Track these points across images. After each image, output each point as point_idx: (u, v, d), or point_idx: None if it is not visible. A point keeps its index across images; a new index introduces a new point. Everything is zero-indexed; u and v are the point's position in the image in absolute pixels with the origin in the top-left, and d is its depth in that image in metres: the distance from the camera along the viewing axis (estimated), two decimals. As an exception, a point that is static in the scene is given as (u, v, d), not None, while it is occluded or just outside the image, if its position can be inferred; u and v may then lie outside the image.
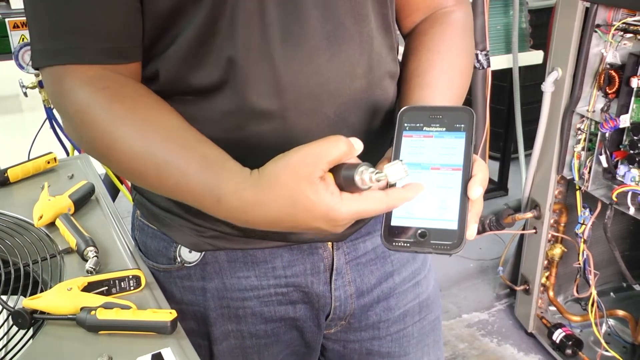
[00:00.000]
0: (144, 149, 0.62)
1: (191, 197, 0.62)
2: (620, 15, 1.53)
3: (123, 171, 0.66)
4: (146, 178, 0.64)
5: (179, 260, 0.80)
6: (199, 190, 0.61)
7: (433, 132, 0.62)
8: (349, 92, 0.69)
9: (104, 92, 0.64)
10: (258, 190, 0.57)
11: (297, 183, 0.55)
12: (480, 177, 0.59)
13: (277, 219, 0.58)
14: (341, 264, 0.81)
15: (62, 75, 0.65)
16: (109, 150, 0.64)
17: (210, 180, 0.60)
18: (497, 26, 2.27)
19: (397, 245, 0.58)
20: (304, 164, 0.54)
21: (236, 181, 0.59)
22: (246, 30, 0.64)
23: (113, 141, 0.63)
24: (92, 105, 0.63)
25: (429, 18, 0.81)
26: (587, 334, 1.95)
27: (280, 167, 0.56)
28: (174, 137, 0.63)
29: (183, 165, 0.61)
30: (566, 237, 1.89)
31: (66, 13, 0.63)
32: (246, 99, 0.66)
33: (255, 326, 0.82)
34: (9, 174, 1.07)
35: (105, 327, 0.70)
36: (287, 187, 0.55)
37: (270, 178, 0.57)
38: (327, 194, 0.55)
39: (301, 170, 0.54)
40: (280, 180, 0.56)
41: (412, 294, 0.89)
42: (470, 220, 0.58)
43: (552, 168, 1.79)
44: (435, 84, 0.73)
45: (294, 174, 0.55)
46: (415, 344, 0.91)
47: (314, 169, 0.54)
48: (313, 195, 0.54)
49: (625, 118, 1.53)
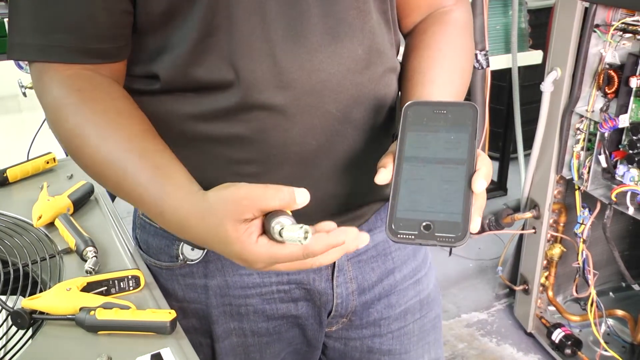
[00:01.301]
0: (105, 156, 0.65)
1: (142, 206, 0.65)
2: (619, 15, 1.53)
3: (89, 173, 0.69)
4: (107, 184, 0.67)
5: (181, 258, 0.80)
6: (147, 202, 0.64)
7: (437, 127, 0.62)
8: (351, 87, 0.69)
9: (77, 93, 0.66)
10: (192, 212, 0.61)
11: (225, 217, 0.58)
12: (484, 171, 0.59)
13: (204, 242, 0.62)
14: (343, 261, 0.82)
15: (42, 70, 0.67)
16: (76, 152, 0.67)
17: (156, 193, 0.63)
18: (496, 26, 2.27)
19: (402, 238, 0.58)
20: (238, 203, 0.57)
21: (178, 197, 0.62)
22: (246, 27, 0.64)
23: (80, 144, 0.66)
24: (65, 105, 0.66)
25: (429, 17, 0.81)
26: (587, 334, 1.95)
27: (219, 198, 0.59)
28: (134, 146, 0.65)
29: (136, 175, 0.64)
30: (565, 237, 1.89)
31: (48, 11, 0.64)
32: (248, 95, 0.66)
33: (257, 324, 0.82)
34: (8, 174, 1.07)
35: (105, 327, 0.70)
36: (215, 218, 0.59)
37: (207, 204, 0.60)
38: (244, 234, 0.58)
39: (233, 208, 0.58)
40: (212, 209, 0.59)
41: (413, 291, 0.89)
42: (473, 213, 0.58)
43: (552, 168, 1.80)
44: (436, 81, 0.73)
45: (225, 208, 0.58)
46: (416, 341, 0.91)
47: (244, 210, 0.57)
48: (232, 232, 0.58)
49: (624, 118, 1.54)
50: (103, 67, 0.68)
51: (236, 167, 0.71)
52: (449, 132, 0.62)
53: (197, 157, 0.71)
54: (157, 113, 0.70)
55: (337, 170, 0.73)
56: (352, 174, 0.74)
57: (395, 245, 0.86)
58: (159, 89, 0.69)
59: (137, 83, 0.72)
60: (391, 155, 0.62)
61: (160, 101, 0.70)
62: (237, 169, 0.71)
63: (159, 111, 0.70)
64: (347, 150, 0.72)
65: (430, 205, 0.58)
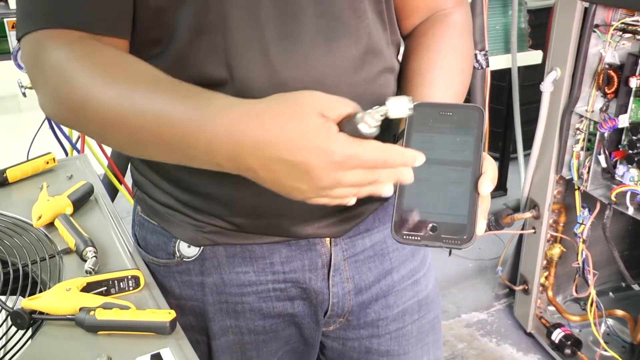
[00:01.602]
0: (121, 99, 0.58)
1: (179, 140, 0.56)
2: (619, 15, 1.53)
3: (99, 129, 0.63)
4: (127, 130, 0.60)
5: (177, 255, 0.80)
6: (188, 129, 0.55)
7: (443, 128, 0.63)
8: (346, 87, 0.69)
9: (81, 49, 0.62)
10: (252, 104, 0.55)
11: (303, 105, 0.53)
12: (491, 174, 0.60)
13: (266, 141, 0.54)
14: (339, 261, 0.82)
15: (44, 38, 0.63)
16: (84, 105, 0.61)
17: (197, 104, 0.56)
18: (496, 26, 2.27)
19: (408, 239, 0.58)
20: (326, 98, 0.54)
21: (228, 99, 0.57)
22: (240, 27, 0.65)
23: (88, 95, 0.60)
24: (69, 61, 0.61)
25: (428, 19, 0.81)
26: (586, 334, 1.95)
27: (301, 93, 0.55)
28: (157, 80, 0.60)
29: (165, 101, 0.57)
30: (565, 237, 1.89)
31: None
32: (243, 95, 0.66)
33: (254, 322, 0.82)
34: (8, 174, 1.07)
35: (104, 327, 0.70)
36: (288, 105, 0.54)
37: (273, 98, 0.55)
38: (326, 125, 0.53)
39: (321, 101, 0.54)
40: (284, 101, 0.54)
41: (411, 292, 0.89)
42: (479, 216, 0.58)
43: (551, 168, 1.80)
44: (436, 82, 0.73)
45: (313, 101, 0.54)
46: (414, 342, 0.91)
47: (331, 106, 0.54)
48: (313, 121, 0.53)
49: (624, 118, 1.54)
50: (105, 39, 0.65)
51: None
52: (455, 134, 0.62)
53: None
54: None
55: None
56: None
57: (393, 246, 0.86)
58: None
59: None
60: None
61: None
62: None
63: None
64: None
65: (436, 207, 0.59)
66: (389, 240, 0.86)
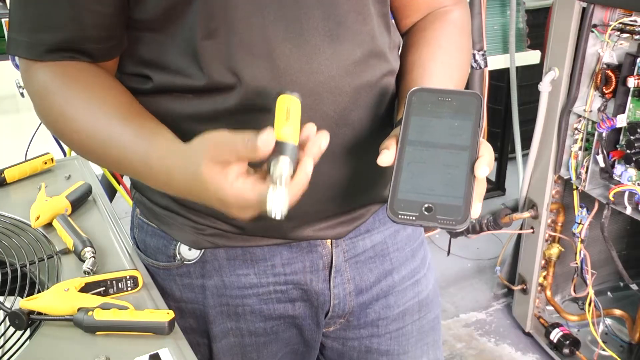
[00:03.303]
0: (90, 126, 0.66)
1: (130, 166, 0.66)
2: (617, 15, 1.53)
3: (78, 150, 0.71)
4: (95, 154, 0.69)
5: (178, 258, 0.80)
6: (134, 159, 0.64)
7: (441, 113, 0.63)
8: (349, 90, 0.70)
9: (61, 78, 0.69)
10: (177, 159, 0.61)
11: (203, 158, 0.58)
12: (487, 158, 0.60)
13: (189, 191, 0.61)
14: (340, 262, 0.82)
15: (31, 63, 0.69)
16: (63, 132, 0.69)
17: (142, 147, 0.64)
18: (494, 26, 2.27)
19: (403, 218, 0.58)
20: (216, 145, 0.58)
21: (164, 147, 0.63)
22: (246, 30, 0.65)
23: (66, 123, 0.68)
24: (50, 87, 0.68)
25: (428, 16, 0.81)
26: (585, 334, 1.95)
27: (199, 140, 0.59)
28: (117, 113, 0.67)
29: (122, 137, 0.65)
30: (563, 236, 1.89)
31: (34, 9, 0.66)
32: (247, 97, 0.66)
33: (255, 324, 0.82)
34: (6, 174, 1.07)
35: (103, 327, 0.70)
36: (195, 158, 0.59)
37: (190, 148, 0.60)
38: (219, 175, 0.57)
39: (211, 149, 0.58)
40: (193, 152, 0.60)
41: (411, 292, 0.89)
42: (475, 198, 0.58)
43: (550, 168, 1.80)
44: (436, 75, 0.74)
45: (204, 149, 0.58)
46: (414, 342, 0.91)
47: (220, 152, 0.57)
48: (207, 172, 0.57)
49: (622, 118, 1.54)
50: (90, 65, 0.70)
51: None
52: (453, 118, 0.62)
53: None
54: (155, 113, 0.70)
55: (335, 171, 0.73)
56: (350, 175, 0.74)
57: (393, 246, 0.86)
58: (154, 90, 0.69)
59: (134, 82, 0.72)
60: (394, 138, 0.62)
61: (158, 101, 0.70)
62: None
63: (157, 111, 0.70)
64: (345, 152, 0.72)
65: (432, 188, 0.59)
66: (390, 241, 0.86)
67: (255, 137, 0.55)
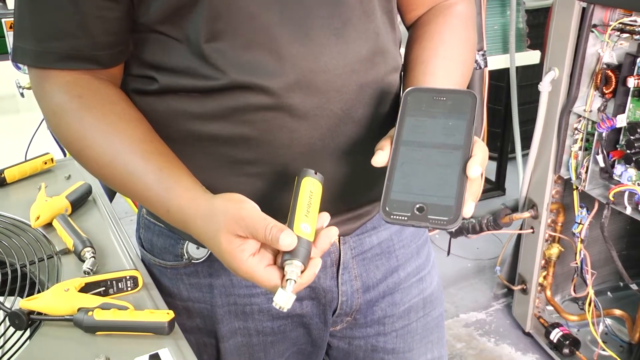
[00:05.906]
0: (109, 160, 0.68)
1: (149, 205, 0.69)
2: (617, 15, 1.54)
3: (94, 174, 0.72)
4: (113, 184, 0.71)
5: (186, 257, 0.80)
6: (154, 201, 0.67)
7: (436, 112, 0.63)
8: (355, 87, 0.70)
9: (77, 100, 0.68)
10: (198, 214, 0.64)
11: (224, 228, 0.61)
12: (480, 157, 0.60)
13: (204, 242, 0.65)
14: (348, 259, 0.82)
15: (41, 76, 0.69)
16: (80, 155, 0.70)
17: (163, 193, 0.66)
18: (494, 26, 2.27)
19: (395, 218, 0.59)
20: (237, 221, 0.60)
21: (186, 198, 0.65)
22: (250, 31, 0.65)
23: (83, 147, 0.69)
24: (67, 111, 0.69)
25: (432, 9, 0.82)
26: (585, 334, 1.95)
27: (223, 208, 0.62)
28: (136, 149, 0.68)
29: (142, 178, 0.67)
30: (563, 236, 1.89)
31: (41, 18, 0.66)
32: (252, 97, 0.66)
33: (262, 323, 0.82)
34: (6, 174, 1.07)
35: (103, 327, 0.70)
36: (216, 224, 0.62)
37: (212, 210, 0.63)
38: (237, 249, 0.61)
39: (232, 223, 0.61)
40: (215, 217, 0.62)
41: (416, 289, 0.89)
42: (467, 198, 0.59)
43: (550, 168, 1.80)
44: (437, 72, 0.74)
45: (226, 220, 0.61)
46: (419, 339, 0.91)
47: (239, 229, 0.60)
48: (226, 244, 0.61)
49: (621, 118, 1.54)
50: (100, 71, 0.70)
51: (240, 167, 0.71)
52: (447, 118, 0.63)
53: (201, 156, 0.71)
54: (162, 112, 0.71)
55: (341, 169, 0.73)
56: (356, 172, 0.74)
57: (399, 243, 0.87)
58: (160, 89, 0.70)
59: (139, 83, 0.72)
60: (389, 139, 0.63)
61: (165, 100, 0.71)
62: (242, 169, 0.71)
63: (163, 110, 0.71)
64: (351, 150, 0.73)
65: (424, 188, 0.59)
66: (395, 238, 0.86)
67: (277, 229, 0.58)
